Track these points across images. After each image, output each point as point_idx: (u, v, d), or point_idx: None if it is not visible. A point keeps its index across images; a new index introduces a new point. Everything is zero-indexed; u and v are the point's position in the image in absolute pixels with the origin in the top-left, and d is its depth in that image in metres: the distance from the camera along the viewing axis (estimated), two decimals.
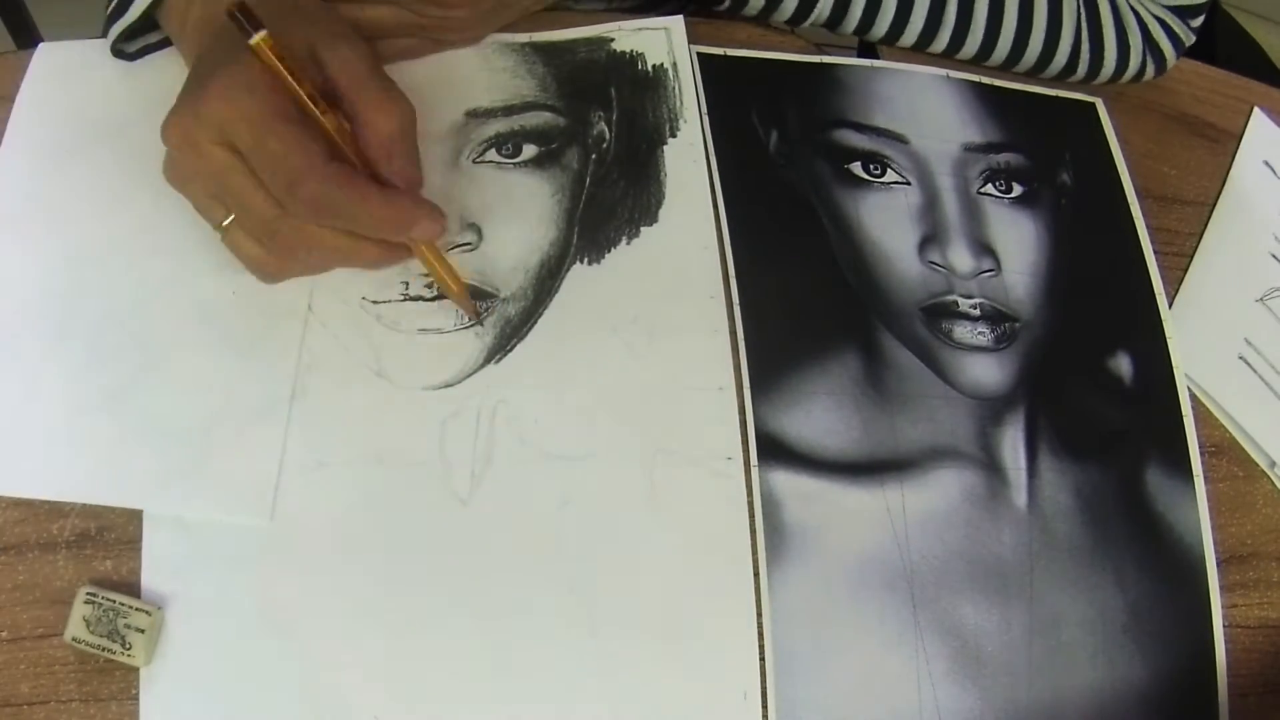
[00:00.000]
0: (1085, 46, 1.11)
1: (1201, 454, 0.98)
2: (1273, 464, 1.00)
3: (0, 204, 0.88)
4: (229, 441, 0.81)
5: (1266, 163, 1.19)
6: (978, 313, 0.97)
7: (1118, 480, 0.95)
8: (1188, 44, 1.17)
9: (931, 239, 1.00)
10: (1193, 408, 1.00)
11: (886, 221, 1.00)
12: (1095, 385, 0.99)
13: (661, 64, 1.01)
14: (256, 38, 0.73)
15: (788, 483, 0.87)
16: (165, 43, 0.93)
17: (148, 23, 0.89)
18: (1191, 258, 1.09)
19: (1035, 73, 1.13)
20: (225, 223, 0.80)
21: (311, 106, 0.77)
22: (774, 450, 0.88)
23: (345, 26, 0.82)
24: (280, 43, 0.75)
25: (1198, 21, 1.16)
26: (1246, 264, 1.11)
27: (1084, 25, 1.10)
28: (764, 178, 0.99)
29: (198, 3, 0.85)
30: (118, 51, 0.92)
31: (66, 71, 0.92)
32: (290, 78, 0.75)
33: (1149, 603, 0.91)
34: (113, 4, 0.88)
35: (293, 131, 0.74)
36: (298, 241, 0.80)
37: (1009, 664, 0.87)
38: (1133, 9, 1.13)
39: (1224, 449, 1.00)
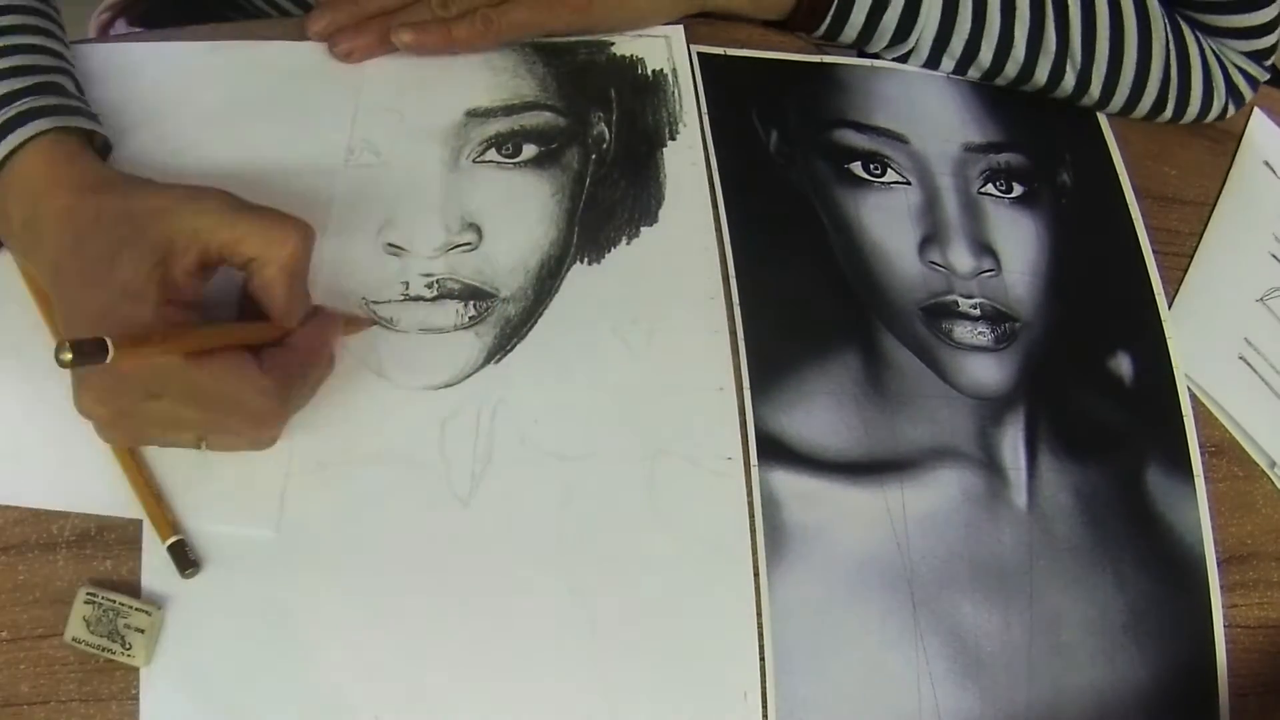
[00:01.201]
0: (1174, 88, 1.11)
1: (1201, 454, 0.98)
2: (1273, 464, 1.00)
3: None
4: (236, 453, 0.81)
5: (1266, 163, 1.19)
6: (978, 312, 0.98)
7: (1118, 480, 0.95)
8: (1262, 81, 1.18)
9: (932, 239, 1.00)
10: (1193, 408, 1.00)
11: (887, 221, 1.00)
12: (1095, 385, 0.99)
13: (661, 69, 1.01)
14: (111, 357, 0.64)
15: (788, 483, 0.87)
16: None
17: None
18: (1191, 258, 1.09)
19: (1125, 113, 1.14)
20: (201, 444, 0.77)
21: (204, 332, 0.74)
22: (774, 450, 0.88)
23: (184, 188, 0.77)
24: (126, 288, 0.71)
25: (1270, 61, 1.16)
26: (1247, 264, 1.11)
27: (1173, 67, 1.10)
28: (764, 177, 0.99)
29: (15, 223, 0.78)
30: None
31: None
32: (165, 353, 0.70)
33: (1149, 602, 0.92)
34: None
35: (216, 359, 0.72)
36: (279, 421, 0.78)
37: (1009, 664, 0.87)
38: (1214, 52, 1.14)
39: (1224, 449, 1.00)
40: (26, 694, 0.73)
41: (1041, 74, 1.08)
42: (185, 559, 0.76)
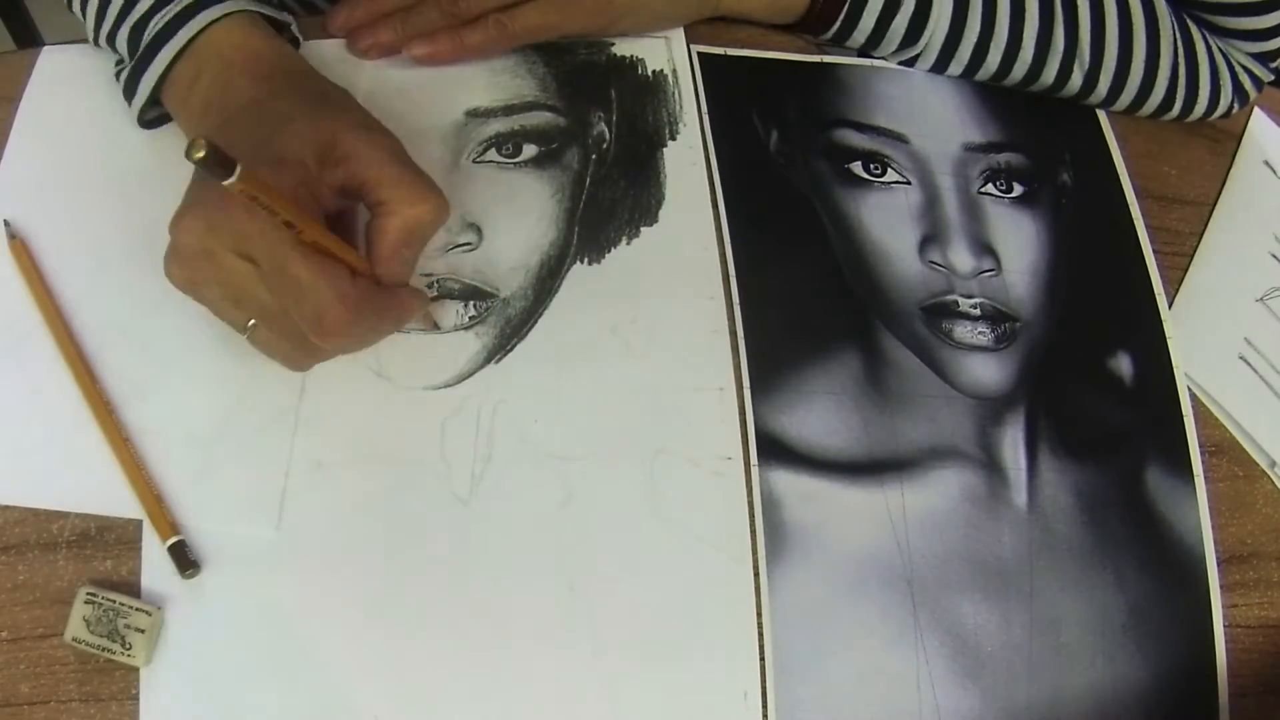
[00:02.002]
0: (1181, 86, 1.11)
1: (1201, 454, 0.98)
2: (1273, 464, 1.00)
3: (4, 207, 0.87)
4: (235, 451, 0.81)
5: (1266, 163, 1.19)
6: (978, 312, 0.98)
7: (1118, 480, 0.95)
8: (1266, 81, 1.18)
9: (932, 238, 1.00)
10: (1193, 408, 1.00)
11: (887, 221, 1.00)
12: (1095, 385, 0.99)
13: (661, 70, 1.01)
14: (232, 179, 0.62)
15: (788, 482, 0.88)
16: None
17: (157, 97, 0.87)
18: (1191, 257, 1.09)
19: (1131, 111, 1.14)
20: (249, 325, 0.77)
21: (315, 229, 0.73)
22: (774, 450, 0.88)
23: (372, 118, 0.80)
24: (286, 158, 0.73)
25: (1276, 63, 1.17)
26: (1247, 264, 1.11)
27: (1181, 65, 1.10)
28: (764, 177, 0.99)
29: (200, 87, 0.82)
30: (144, 123, 0.89)
31: (70, 75, 0.92)
32: (277, 211, 0.68)
33: (1149, 602, 0.91)
34: (123, 81, 0.86)
35: (315, 255, 0.71)
36: (324, 352, 0.79)
37: (1009, 663, 0.87)
38: (1221, 51, 1.14)
39: (1224, 449, 1.00)
40: (26, 694, 0.73)
41: (1049, 75, 1.08)
42: (185, 559, 0.76)
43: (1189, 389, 1.00)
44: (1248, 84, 1.16)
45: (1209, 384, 1.02)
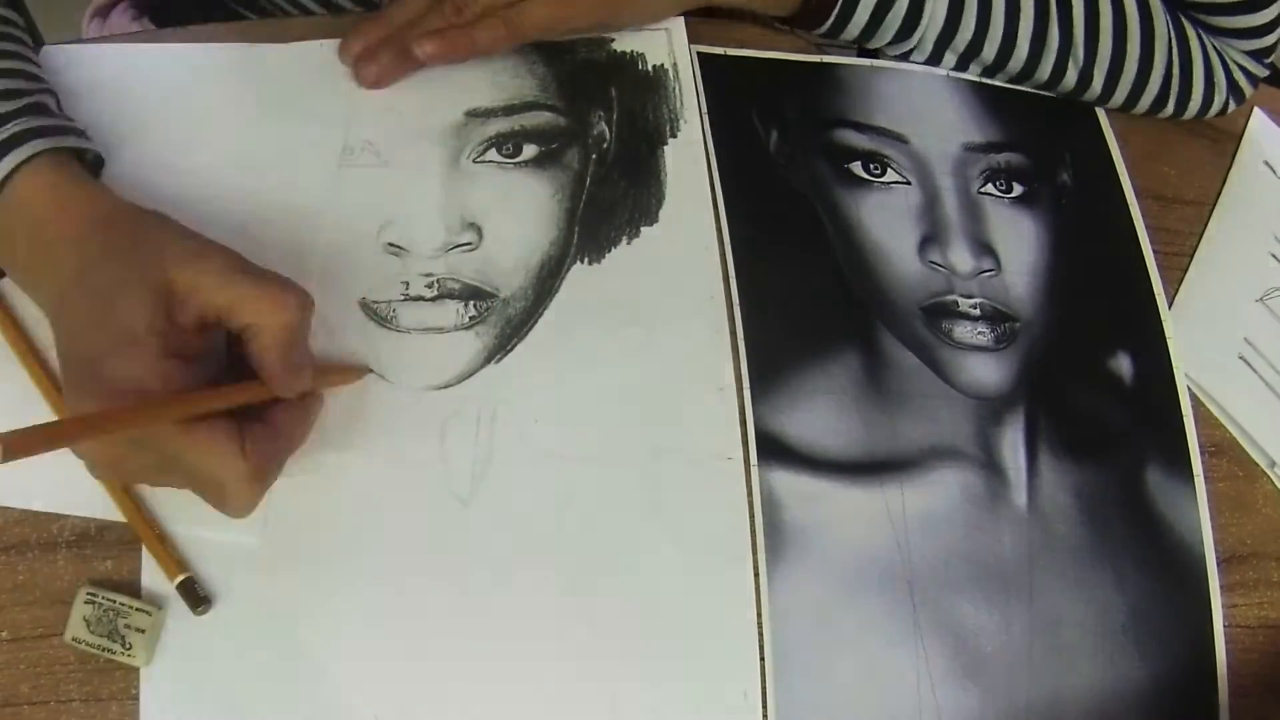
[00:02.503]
0: (1175, 84, 1.11)
1: (1201, 454, 0.98)
2: (1273, 464, 1.00)
3: None
4: None
5: (1266, 163, 1.19)
6: (978, 312, 0.98)
7: (1118, 480, 0.95)
8: (1261, 78, 1.18)
9: (932, 239, 1.00)
10: (1193, 408, 1.00)
11: (887, 221, 1.00)
12: (1095, 385, 0.99)
13: (662, 64, 1.01)
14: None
15: (788, 482, 0.88)
16: None
17: None
18: (1191, 257, 1.09)
19: (1126, 109, 1.14)
20: None
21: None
22: (774, 450, 0.88)
23: (195, 237, 0.75)
24: (134, 338, 0.70)
25: (1270, 58, 1.17)
26: (1246, 264, 1.11)
27: (1175, 63, 1.11)
28: (764, 177, 0.99)
29: (20, 248, 0.78)
30: None
31: (69, 75, 0.92)
32: (118, 423, 0.68)
33: (1149, 603, 0.91)
34: None
35: (202, 436, 0.70)
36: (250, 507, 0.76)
37: (1009, 664, 0.87)
38: (1215, 48, 1.14)
39: (1224, 449, 1.00)
40: (26, 694, 0.73)
41: (1044, 71, 1.08)
42: (196, 596, 0.75)
43: (1189, 389, 1.00)
44: (1243, 82, 1.16)
45: (1209, 384, 1.02)
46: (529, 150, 0.95)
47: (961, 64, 1.09)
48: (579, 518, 0.84)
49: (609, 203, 0.95)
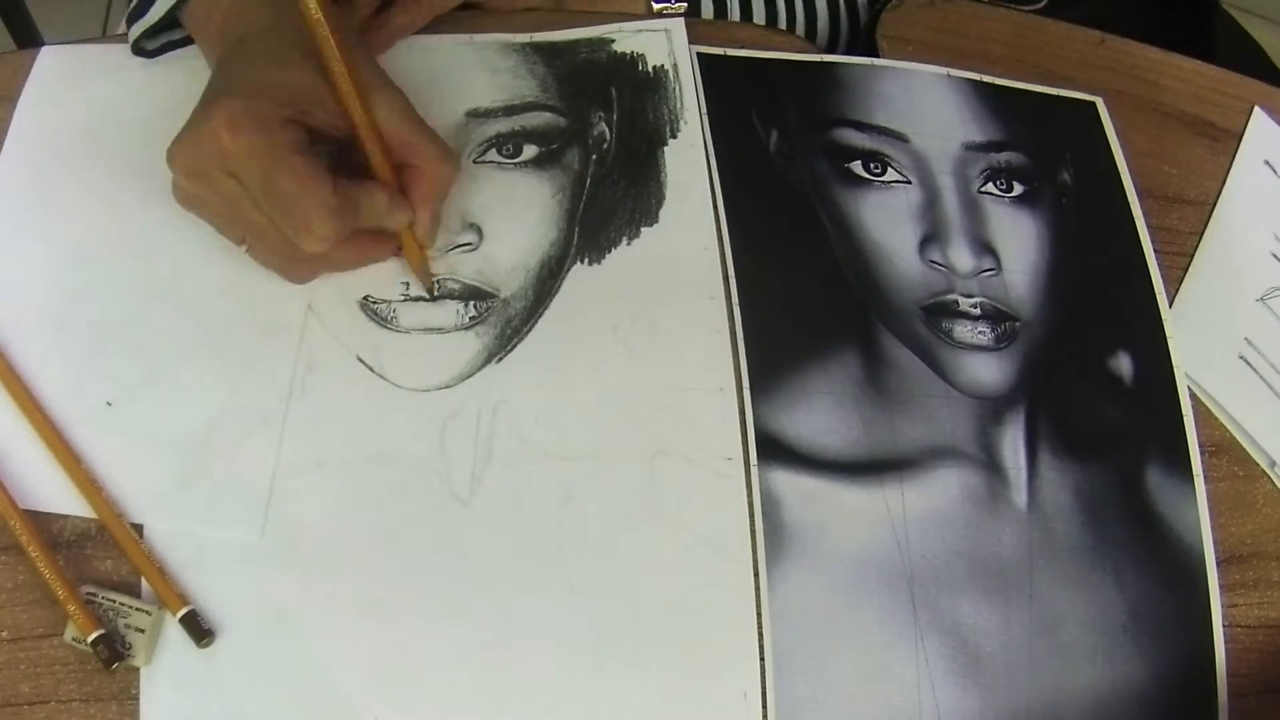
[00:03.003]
0: None
1: (1201, 454, 0.98)
2: (1273, 464, 1.00)
3: (1, 206, 0.88)
4: (223, 455, 0.81)
5: (1267, 162, 1.18)
6: (978, 312, 0.97)
7: (1118, 480, 0.95)
8: None
9: (932, 238, 1.00)
10: (1193, 407, 1.00)
11: (887, 220, 1.00)
12: (1095, 385, 0.99)
13: (662, 65, 1.01)
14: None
15: (788, 482, 0.87)
16: (187, 40, 0.93)
17: (169, 20, 0.89)
18: (1192, 257, 1.09)
19: None
20: (243, 244, 0.82)
21: (349, 87, 0.79)
22: (774, 450, 0.88)
23: (376, 70, 0.83)
24: (282, 99, 0.77)
25: None
26: (1247, 263, 1.11)
27: None
28: (764, 177, 0.99)
29: (219, 9, 0.85)
30: (139, 49, 0.92)
31: (68, 75, 0.92)
32: (337, 55, 0.77)
33: (1149, 603, 0.91)
34: (134, 3, 0.88)
35: (298, 168, 0.75)
36: (316, 262, 0.83)
37: (1009, 664, 0.87)
38: None
39: (1224, 449, 1.00)
40: (26, 694, 0.73)
41: None
42: (199, 629, 0.75)
43: (1189, 388, 1.00)
44: None
45: (1209, 384, 1.01)
46: (529, 150, 0.95)
47: None
48: (579, 518, 0.84)
49: (609, 203, 0.95)
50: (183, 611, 0.75)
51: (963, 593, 0.88)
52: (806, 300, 0.95)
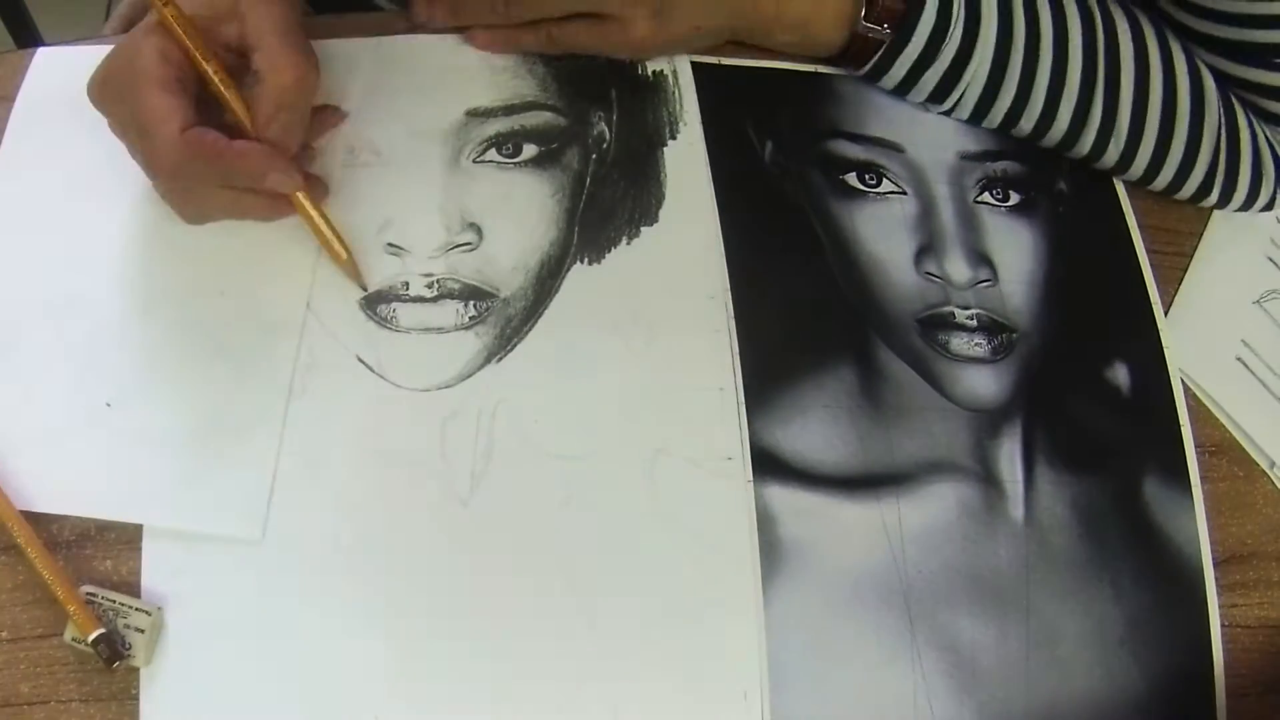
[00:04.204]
0: (1220, 174, 1.06)
1: (1201, 454, 0.98)
2: (1272, 464, 1.00)
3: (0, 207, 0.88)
4: (223, 455, 0.81)
5: None
6: (974, 323, 0.97)
7: (1115, 492, 0.95)
8: None
9: (928, 249, 1.00)
10: (1193, 408, 1.00)
11: (882, 232, 1.00)
12: (1092, 396, 0.99)
13: (661, 69, 1.01)
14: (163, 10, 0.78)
15: (783, 497, 0.87)
16: None
17: None
18: (1191, 258, 1.09)
19: (1168, 194, 1.09)
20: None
21: (205, 68, 0.81)
22: (769, 465, 0.88)
23: None
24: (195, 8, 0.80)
25: None
26: (1244, 266, 1.11)
27: (1222, 153, 1.06)
28: (759, 188, 0.99)
29: None
30: None
31: (68, 75, 0.92)
32: (186, 43, 0.80)
33: (1146, 615, 0.91)
34: None
35: (156, 100, 0.78)
36: (189, 198, 0.85)
37: (1006, 678, 0.87)
38: (1268, 140, 1.09)
39: (1224, 449, 1.01)
40: (26, 694, 0.73)
41: (1084, 146, 1.05)
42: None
43: (1189, 389, 1.01)
44: None
45: (1207, 386, 1.02)
46: (529, 150, 0.94)
47: (1002, 130, 1.06)
48: (579, 518, 0.84)
49: (609, 203, 0.95)
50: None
51: (959, 607, 0.88)
52: (801, 314, 0.95)
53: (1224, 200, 1.09)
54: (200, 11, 0.81)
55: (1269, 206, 1.12)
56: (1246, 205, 1.10)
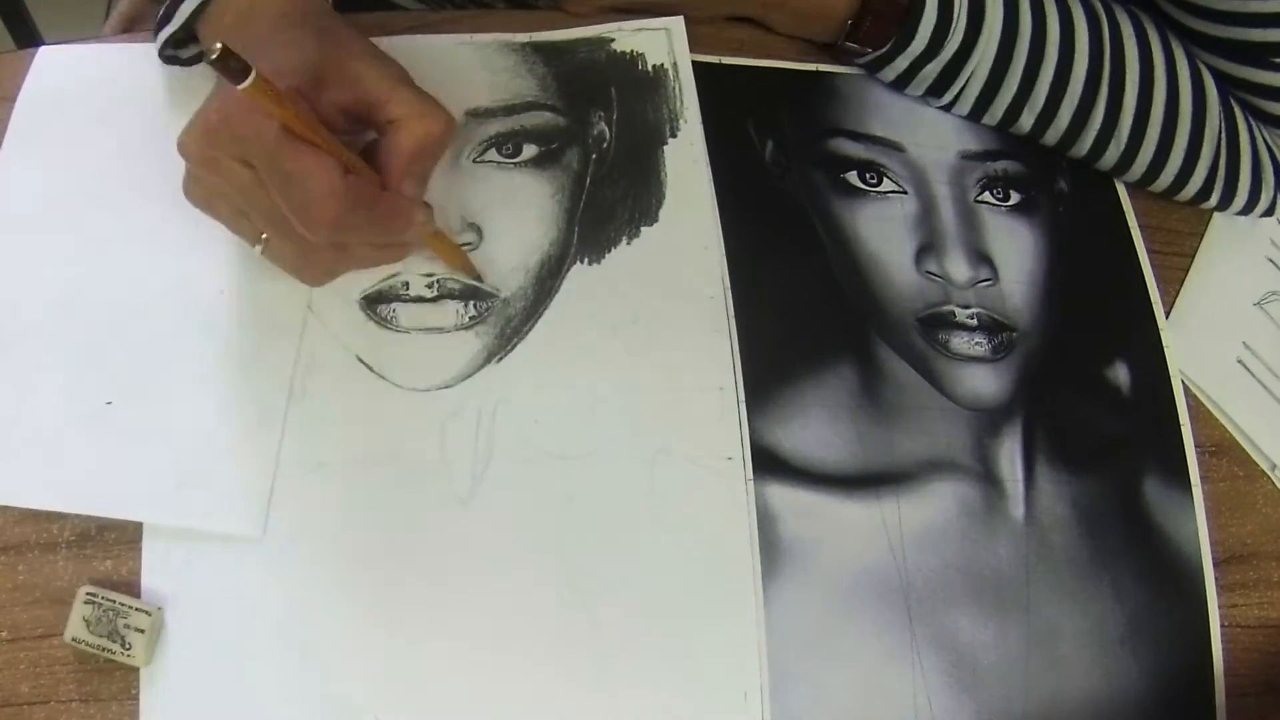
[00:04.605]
0: (1221, 177, 1.07)
1: (1202, 454, 0.98)
2: (1273, 466, 1.00)
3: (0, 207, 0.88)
4: (223, 455, 0.81)
5: None
6: (975, 323, 0.97)
7: (1115, 491, 0.95)
8: None
9: (928, 248, 1.00)
10: (1193, 409, 1.00)
11: (883, 231, 1.00)
12: (1093, 395, 0.99)
13: (661, 64, 1.01)
14: (246, 83, 0.66)
15: (783, 496, 0.87)
16: None
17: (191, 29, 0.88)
18: (1192, 259, 1.09)
19: (1168, 196, 1.10)
20: (258, 244, 0.80)
21: (321, 133, 0.75)
22: (770, 464, 0.88)
23: (376, 48, 0.81)
24: (287, 73, 0.74)
25: None
26: (1245, 268, 1.12)
27: (1222, 156, 1.06)
28: (760, 187, 0.99)
29: (230, 10, 0.83)
30: (170, 58, 0.91)
31: (68, 75, 0.92)
32: (293, 113, 0.71)
33: (1146, 613, 0.91)
34: (161, 12, 0.88)
35: (307, 150, 0.73)
36: (331, 257, 0.82)
37: (1006, 676, 0.87)
38: (1268, 145, 1.10)
39: (1224, 449, 1.01)
40: (26, 694, 0.73)
41: (1083, 147, 1.05)
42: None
43: (1189, 391, 1.01)
44: None
45: (1207, 387, 1.02)
46: (529, 150, 0.94)
47: (1001, 127, 1.07)
48: (579, 518, 0.84)
49: (609, 203, 0.95)
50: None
51: (959, 606, 0.88)
52: (802, 313, 0.95)
53: (1224, 203, 1.10)
54: (295, 82, 0.75)
55: (1269, 212, 1.12)
56: (1246, 209, 1.10)
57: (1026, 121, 1.04)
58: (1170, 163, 1.05)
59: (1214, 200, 1.09)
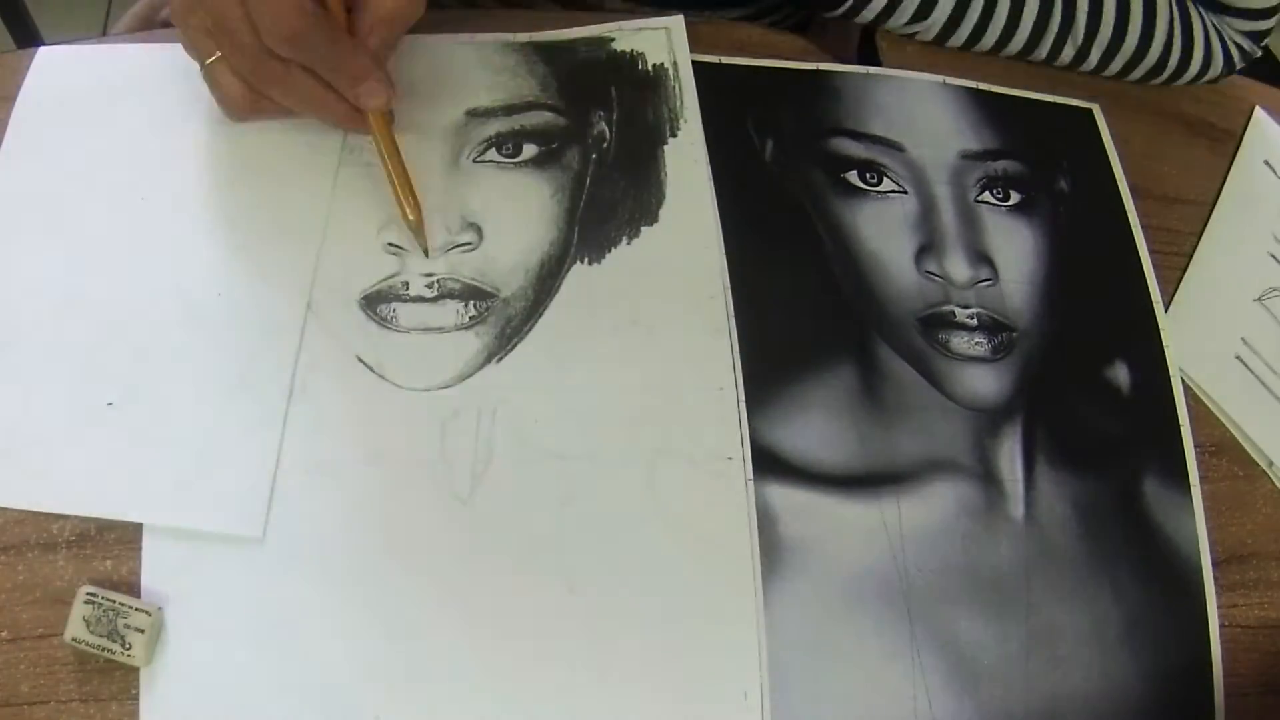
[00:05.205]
0: (1175, 56, 1.14)
1: (1202, 453, 0.98)
2: (1270, 463, 1.00)
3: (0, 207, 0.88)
4: (223, 455, 0.81)
5: (1267, 162, 1.19)
6: (975, 323, 0.97)
7: (1115, 491, 0.95)
8: (1254, 57, 1.20)
9: (928, 248, 1.00)
10: (1193, 408, 1.00)
11: (883, 231, 1.00)
12: (1093, 395, 0.99)
13: (662, 63, 1.01)
14: None
15: (783, 496, 0.87)
16: None
17: None
18: (1191, 257, 1.09)
19: (1120, 76, 1.17)
20: (210, 59, 0.85)
21: None
22: (769, 463, 0.88)
23: None
24: None
25: (1264, 41, 1.19)
26: (1245, 264, 1.11)
27: (1177, 38, 1.13)
28: (760, 187, 0.99)
29: None
30: None
31: (68, 75, 0.93)
32: None
33: (1146, 614, 0.91)
34: None
35: None
36: (274, 79, 0.84)
37: (1006, 677, 0.87)
38: (1214, 25, 1.16)
39: (1224, 448, 1.00)
40: (26, 694, 0.73)
41: (1040, 52, 1.13)
42: None
43: (1189, 389, 1.01)
44: (1237, 57, 1.18)
45: (1206, 384, 1.02)
46: (529, 150, 0.95)
47: (965, 48, 1.11)
48: (579, 518, 0.83)
49: (609, 203, 0.95)
50: None
51: (960, 606, 0.88)
52: (802, 313, 0.95)
53: (1175, 78, 1.18)
54: None
55: (1214, 80, 1.21)
56: (1195, 80, 1.19)
57: (989, 40, 1.12)
58: (1122, 52, 1.13)
59: (1165, 76, 1.17)
